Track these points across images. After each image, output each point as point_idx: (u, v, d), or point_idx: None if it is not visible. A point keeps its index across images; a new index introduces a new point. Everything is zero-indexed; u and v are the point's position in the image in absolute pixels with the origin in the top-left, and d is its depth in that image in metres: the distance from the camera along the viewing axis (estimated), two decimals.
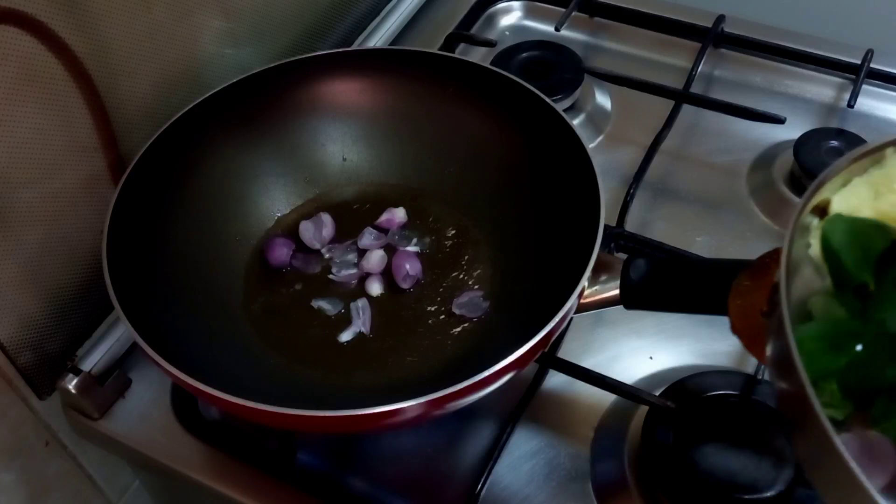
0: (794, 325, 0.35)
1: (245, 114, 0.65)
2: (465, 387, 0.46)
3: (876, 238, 0.39)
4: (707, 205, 0.73)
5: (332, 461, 0.59)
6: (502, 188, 0.65)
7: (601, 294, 0.54)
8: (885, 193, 0.40)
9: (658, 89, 0.78)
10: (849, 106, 0.77)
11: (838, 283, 0.39)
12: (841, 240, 0.39)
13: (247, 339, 0.60)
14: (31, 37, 0.53)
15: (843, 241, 0.39)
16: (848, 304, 0.38)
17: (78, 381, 0.59)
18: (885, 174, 0.41)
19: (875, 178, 0.41)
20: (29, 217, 0.56)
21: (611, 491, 0.56)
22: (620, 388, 0.58)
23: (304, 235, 0.65)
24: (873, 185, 0.41)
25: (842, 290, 0.38)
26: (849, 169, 0.40)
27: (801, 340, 0.35)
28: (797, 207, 0.39)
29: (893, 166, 0.41)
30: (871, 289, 0.38)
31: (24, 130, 0.54)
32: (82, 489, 0.69)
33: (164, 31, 0.63)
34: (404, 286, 0.62)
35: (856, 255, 0.38)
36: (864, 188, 0.41)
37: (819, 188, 0.40)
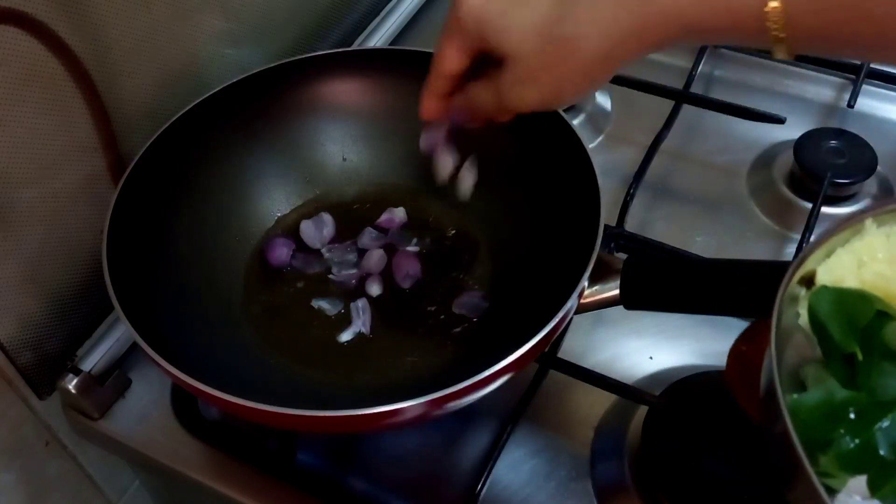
0: (787, 394, 0.37)
1: (245, 114, 0.65)
2: (465, 387, 0.46)
3: (861, 308, 0.40)
4: (707, 205, 0.73)
5: (332, 461, 0.59)
6: (502, 188, 0.65)
7: (601, 294, 0.54)
8: (868, 263, 0.42)
9: (658, 89, 0.78)
10: (849, 106, 0.77)
11: (827, 353, 0.40)
12: (827, 311, 0.40)
13: (247, 339, 0.60)
14: (31, 37, 0.53)
15: (829, 312, 0.40)
16: (837, 372, 0.39)
17: (78, 381, 0.59)
18: (867, 244, 0.42)
19: (857, 248, 0.42)
20: (29, 217, 0.56)
21: (611, 491, 0.56)
22: (620, 388, 0.58)
23: (304, 235, 0.65)
24: (856, 255, 0.42)
25: (831, 359, 0.39)
26: (832, 240, 0.42)
27: (796, 410, 0.37)
28: (784, 280, 0.40)
29: (874, 235, 0.42)
30: (859, 358, 0.39)
31: (24, 130, 0.54)
32: (82, 489, 0.69)
33: (164, 31, 0.63)
34: (404, 286, 0.62)
35: (842, 325, 0.39)
36: (848, 258, 0.42)
37: (804, 260, 0.41)
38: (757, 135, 0.77)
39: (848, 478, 0.36)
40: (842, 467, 0.37)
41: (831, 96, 0.81)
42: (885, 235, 0.43)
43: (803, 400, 0.38)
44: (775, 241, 0.70)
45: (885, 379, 0.38)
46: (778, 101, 0.79)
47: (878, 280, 0.41)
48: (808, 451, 0.35)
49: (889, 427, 0.37)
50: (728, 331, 0.63)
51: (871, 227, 0.42)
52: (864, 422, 0.37)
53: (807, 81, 0.82)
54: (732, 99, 0.76)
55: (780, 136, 0.76)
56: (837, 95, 0.81)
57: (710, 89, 0.82)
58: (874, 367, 0.38)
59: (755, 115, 0.74)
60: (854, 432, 0.37)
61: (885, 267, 0.42)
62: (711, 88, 0.82)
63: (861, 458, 0.37)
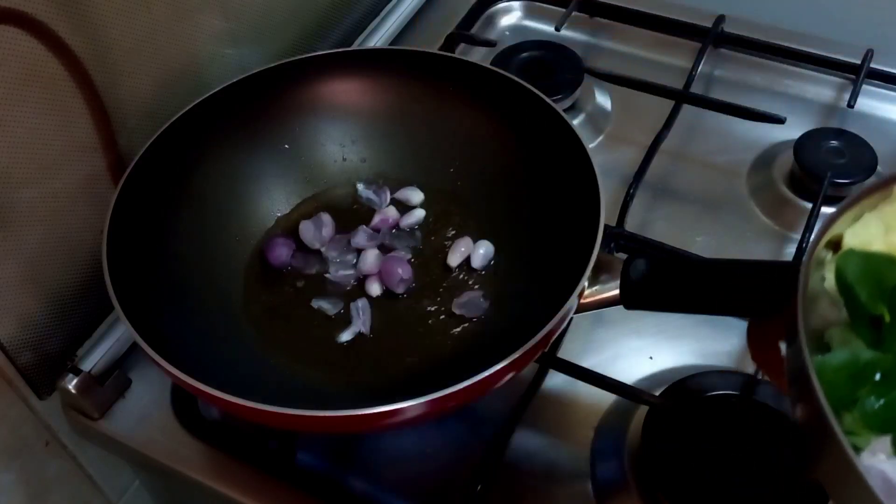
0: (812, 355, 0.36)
1: (245, 114, 0.65)
2: (465, 387, 0.46)
3: (888, 271, 0.40)
4: (707, 205, 0.73)
5: (332, 461, 0.59)
6: (502, 188, 0.65)
7: (601, 294, 0.54)
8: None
9: (658, 89, 0.78)
10: (849, 106, 0.77)
11: (854, 316, 0.40)
12: (855, 274, 0.40)
13: (247, 338, 0.60)
14: (31, 37, 0.53)
15: (856, 275, 0.40)
16: (864, 335, 0.39)
17: (78, 381, 0.59)
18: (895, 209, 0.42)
19: (886, 213, 0.42)
20: (29, 217, 0.56)
21: (611, 491, 0.56)
22: (620, 388, 0.58)
23: (304, 235, 0.65)
24: (884, 220, 0.42)
25: (857, 322, 0.39)
26: (860, 204, 0.42)
27: (821, 371, 0.36)
28: (811, 243, 0.40)
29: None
30: (886, 320, 0.39)
31: (24, 130, 0.54)
32: (82, 489, 0.69)
33: (164, 31, 0.63)
34: (399, 290, 0.62)
35: (870, 288, 0.39)
36: (876, 223, 0.42)
37: (832, 223, 0.41)
38: (757, 135, 0.77)
39: (872, 437, 0.37)
40: (867, 426, 0.37)
41: (831, 96, 0.81)
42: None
43: (828, 360, 0.38)
44: (775, 241, 0.70)
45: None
46: (778, 101, 0.79)
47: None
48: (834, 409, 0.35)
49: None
50: (728, 331, 0.63)
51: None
52: (889, 382, 0.37)
53: (807, 81, 0.82)
54: (732, 99, 0.76)
55: (780, 136, 0.76)
56: (837, 95, 0.81)
57: (710, 89, 0.82)
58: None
59: (755, 115, 0.74)
60: (879, 393, 0.37)
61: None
62: (711, 88, 0.82)
63: (886, 417, 0.37)
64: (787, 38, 0.82)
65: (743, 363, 0.61)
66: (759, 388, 0.57)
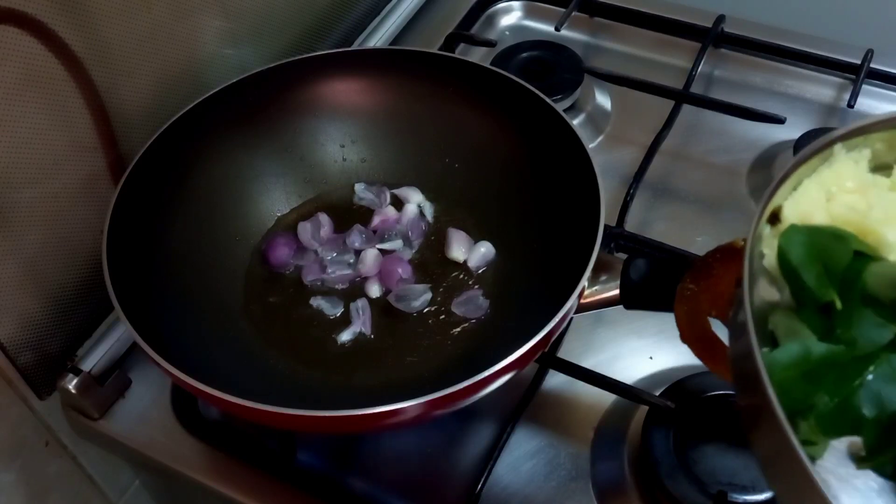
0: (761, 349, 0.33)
1: (245, 114, 0.65)
2: (465, 387, 0.46)
3: (836, 251, 0.36)
4: (707, 205, 0.73)
5: (332, 461, 0.59)
6: (502, 188, 0.65)
7: (601, 294, 0.54)
8: (838, 194, 0.38)
9: (658, 89, 0.78)
10: (849, 106, 0.77)
11: (800, 301, 0.36)
12: (800, 255, 0.36)
13: (247, 338, 0.60)
14: (31, 37, 0.53)
15: (802, 256, 0.36)
16: (813, 323, 0.35)
17: (78, 381, 0.59)
18: (835, 173, 0.38)
19: (825, 177, 0.38)
20: (29, 217, 0.56)
21: (611, 491, 0.56)
22: (620, 388, 0.58)
23: (302, 236, 0.65)
24: (824, 186, 0.38)
25: (805, 309, 0.35)
26: (799, 171, 0.38)
27: (771, 369, 0.33)
28: (754, 221, 0.36)
29: (843, 163, 0.39)
30: (837, 307, 0.35)
31: (24, 130, 0.54)
32: (82, 489, 0.69)
33: (164, 31, 0.63)
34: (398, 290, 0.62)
35: (817, 271, 0.35)
36: (816, 190, 0.38)
37: (772, 194, 0.37)
38: (757, 135, 0.77)
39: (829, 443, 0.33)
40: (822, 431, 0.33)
41: (831, 96, 0.81)
42: (854, 161, 0.39)
43: (777, 357, 0.34)
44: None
45: (867, 328, 0.34)
46: (778, 101, 0.79)
47: (849, 213, 0.37)
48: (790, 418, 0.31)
49: (872, 381, 0.34)
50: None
51: (839, 153, 0.39)
52: (844, 378, 0.34)
53: (807, 81, 0.82)
54: (732, 99, 0.76)
55: (780, 136, 0.76)
56: (837, 95, 0.81)
57: (710, 89, 0.82)
58: (854, 316, 0.34)
59: (755, 115, 0.74)
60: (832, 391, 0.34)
61: (855, 198, 0.38)
62: (711, 88, 0.82)
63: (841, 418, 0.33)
64: (787, 38, 0.82)
65: None
66: None
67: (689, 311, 0.48)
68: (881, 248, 0.37)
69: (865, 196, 0.38)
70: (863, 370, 0.34)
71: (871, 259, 0.35)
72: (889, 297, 0.35)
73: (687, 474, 0.53)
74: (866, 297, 0.35)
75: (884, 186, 0.40)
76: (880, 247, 0.37)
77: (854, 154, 0.39)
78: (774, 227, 0.38)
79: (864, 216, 0.37)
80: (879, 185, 0.40)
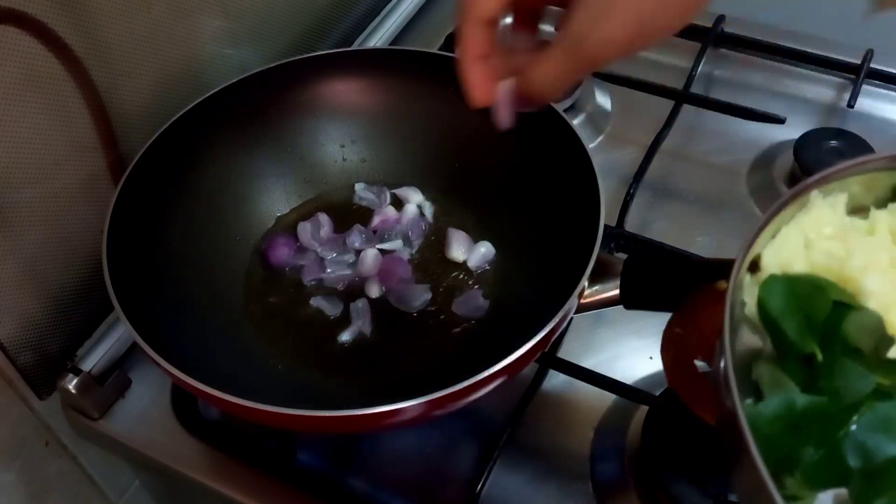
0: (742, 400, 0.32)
1: (245, 114, 0.65)
2: (465, 387, 0.46)
3: (816, 301, 0.36)
4: (707, 205, 0.73)
5: (332, 461, 0.59)
6: (502, 188, 0.65)
7: (601, 294, 0.54)
8: (816, 241, 0.38)
9: (658, 89, 0.78)
10: (849, 106, 0.77)
11: (782, 353, 0.36)
12: (779, 306, 0.36)
13: (247, 338, 0.60)
14: (31, 37, 0.53)
15: (781, 307, 0.36)
16: (795, 374, 0.35)
17: (78, 381, 0.59)
18: (813, 219, 0.38)
19: (803, 224, 0.38)
20: (29, 217, 0.56)
21: (611, 491, 0.56)
22: (620, 388, 0.58)
23: (302, 236, 0.65)
24: (803, 234, 0.38)
25: (787, 360, 0.35)
26: (777, 218, 0.38)
27: (756, 423, 0.33)
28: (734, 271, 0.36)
29: (820, 208, 0.38)
30: (818, 359, 0.35)
31: (24, 130, 0.54)
32: (82, 489, 0.69)
33: (164, 30, 0.63)
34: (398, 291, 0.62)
35: (798, 322, 0.35)
36: (795, 237, 0.38)
37: (751, 243, 0.37)
38: (757, 135, 0.77)
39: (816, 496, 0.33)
40: (809, 484, 0.33)
41: (831, 96, 0.81)
42: (831, 206, 0.39)
43: (762, 411, 0.34)
44: None
45: (850, 378, 0.34)
46: (778, 101, 0.79)
47: (829, 260, 0.38)
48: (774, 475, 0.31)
49: (856, 431, 0.34)
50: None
51: (816, 199, 0.38)
52: (828, 428, 0.34)
53: (807, 81, 0.82)
54: (732, 99, 0.76)
55: (780, 136, 0.76)
56: (837, 95, 0.81)
57: (710, 89, 0.82)
58: (836, 367, 0.35)
59: (755, 115, 0.74)
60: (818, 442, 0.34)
61: (833, 244, 0.38)
62: (711, 88, 0.82)
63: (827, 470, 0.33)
64: (787, 38, 0.82)
65: None
66: None
67: (677, 355, 0.48)
68: (861, 296, 0.37)
69: (844, 242, 0.38)
70: (847, 420, 0.34)
71: (850, 308, 0.35)
72: (869, 346, 0.35)
73: (687, 474, 0.53)
74: (847, 347, 0.35)
75: (861, 230, 0.39)
76: (860, 295, 0.37)
77: (831, 199, 0.39)
78: (754, 275, 0.38)
79: (844, 264, 0.37)
80: (857, 229, 0.39)
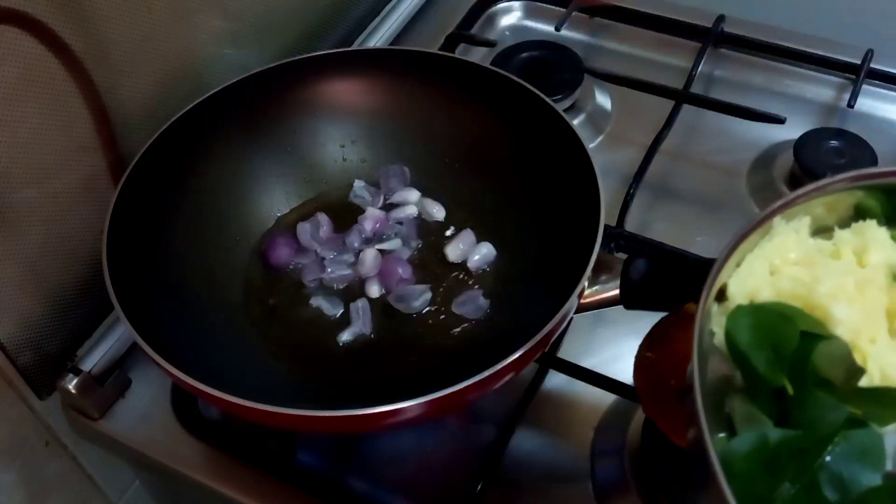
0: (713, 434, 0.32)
1: (245, 114, 0.65)
2: (465, 387, 0.46)
3: (784, 332, 0.35)
4: (707, 205, 0.73)
5: (332, 461, 0.59)
6: (502, 188, 0.65)
7: (601, 294, 0.54)
8: (782, 267, 0.38)
9: (658, 89, 0.78)
10: (849, 106, 0.77)
11: (752, 386, 0.35)
12: (747, 339, 0.35)
13: (247, 338, 0.60)
14: (31, 37, 0.53)
15: (749, 340, 0.35)
16: (767, 407, 0.34)
17: (78, 381, 0.59)
18: (777, 245, 0.38)
19: (768, 251, 0.38)
20: (29, 217, 0.56)
21: (611, 491, 0.56)
22: (620, 388, 0.58)
23: (301, 236, 0.65)
24: (767, 261, 0.38)
25: (757, 395, 0.35)
26: (741, 247, 0.37)
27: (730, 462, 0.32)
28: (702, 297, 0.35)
29: (783, 234, 0.38)
30: (789, 393, 0.34)
31: (24, 131, 0.54)
32: (82, 489, 0.69)
33: (165, 31, 0.63)
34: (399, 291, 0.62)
35: (767, 356, 0.35)
36: (759, 265, 0.38)
37: (717, 272, 0.36)
38: (757, 135, 0.77)
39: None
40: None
41: (831, 96, 0.81)
42: (795, 231, 0.38)
43: (735, 448, 0.33)
44: None
45: (822, 410, 0.33)
46: (778, 101, 0.79)
47: (795, 286, 0.37)
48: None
49: (831, 462, 0.33)
50: None
51: (779, 224, 0.38)
52: (804, 462, 0.33)
53: (807, 81, 0.82)
54: (732, 99, 0.76)
55: (780, 136, 0.76)
56: (837, 95, 0.81)
57: (710, 89, 0.82)
58: (808, 400, 0.34)
59: (755, 115, 0.74)
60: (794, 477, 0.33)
61: (799, 270, 0.38)
62: (711, 88, 0.82)
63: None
64: (787, 38, 0.82)
65: None
66: None
67: (650, 382, 0.47)
68: (829, 323, 0.36)
69: (810, 267, 0.38)
70: (822, 452, 0.33)
71: (818, 338, 0.35)
72: (839, 377, 0.34)
73: (687, 474, 0.53)
74: (817, 378, 0.34)
75: (826, 253, 0.39)
76: (828, 321, 0.36)
77: (794, 223, 0.39)
78: (721, 304, 0.37)
79: (811, 290, 0.37)
80: (823, 251, 0.39)
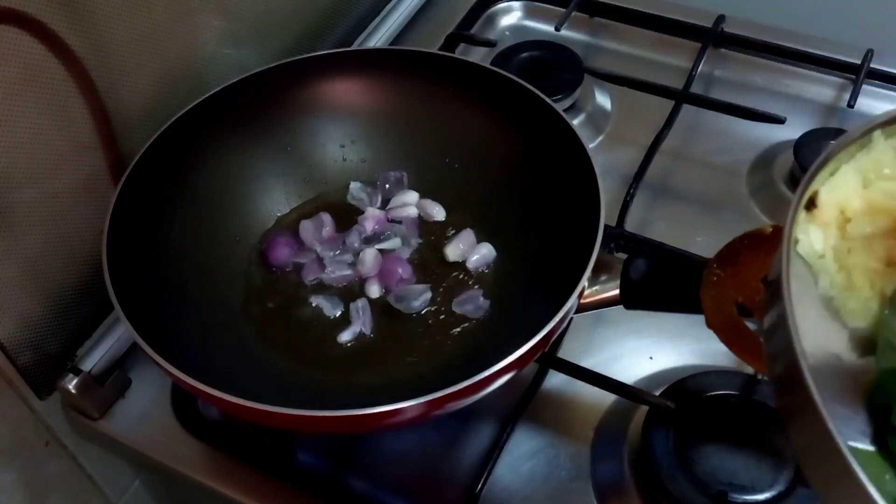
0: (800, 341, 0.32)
1: (245, 114, 0.65)
2: (465, 387, 0.46)
3: None
4: (707, 205, 0.73)
5: (332, 461, 0.59)
6: (502, 188, 0.65)
7: (601, 294, 0.54)
8: (875, 181, 0.38)
9: (658, 89, 0.78)
10: (849, 106, 0.77)
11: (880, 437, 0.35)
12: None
13: (247, 338, 0.60)
14: (31, 37, 0.53)
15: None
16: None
17: (78, 381, 0.59)
18: (874, 159, 0.38)
19: (863, 164, 0.38)
20: (29, 217, 0.56)
21: (611, 491, 0.56)
22: (620, 388, 0.58)
23: (303, 235, 0.65)
24: (861, 173, 0.38)
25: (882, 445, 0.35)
26: (838, 156, 0.38)
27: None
28: (793, 203, 0.36)
29: (882, 150, 0.38)
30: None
31: (24, 131, 0.54)
32: (82, 489, 0.69)
33: (165, 31, 0.63)
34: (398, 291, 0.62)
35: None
36: (853, 176, 0.38)
37: (810, 179, 0.37)
38: (757, 135, 0.77)
39: None
40: None
41: (831, 96, 0.81)
42: (893, 149, 0.38)
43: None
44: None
45: None
46: (778, 101, 0.79)
47: (886, 199, 0.37)
48: None
49: None
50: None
51: (878, 139, 0.38)
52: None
53: (807, 81, 0.82)
54: (732, 99, 0.76)
55: (780, 136, 0.76)
56: (837, 95, 0.81)
57: (710, 89, 0.82)
58: None
59: (755, 115, 0.74)
60: None
61: (892, 185, 0.38)
62: (711, 88, 0.82)
63: None
64: (787, 38, 0.82)
65: (743, 363, 0.61)
66: (758, 388, 0.57)
67: (715, 296, 0.47)
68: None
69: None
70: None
71: None
72: None
73: (687, 474, 0.53)
74: None
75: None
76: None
77: (893, 141, 0.38)
78: (810, 212, 0.38)
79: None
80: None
